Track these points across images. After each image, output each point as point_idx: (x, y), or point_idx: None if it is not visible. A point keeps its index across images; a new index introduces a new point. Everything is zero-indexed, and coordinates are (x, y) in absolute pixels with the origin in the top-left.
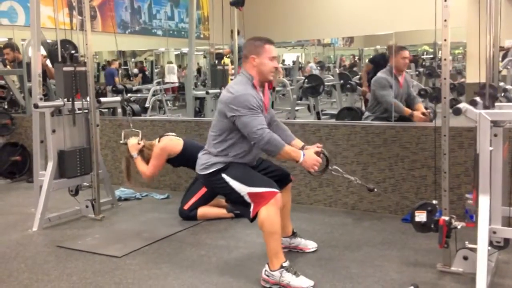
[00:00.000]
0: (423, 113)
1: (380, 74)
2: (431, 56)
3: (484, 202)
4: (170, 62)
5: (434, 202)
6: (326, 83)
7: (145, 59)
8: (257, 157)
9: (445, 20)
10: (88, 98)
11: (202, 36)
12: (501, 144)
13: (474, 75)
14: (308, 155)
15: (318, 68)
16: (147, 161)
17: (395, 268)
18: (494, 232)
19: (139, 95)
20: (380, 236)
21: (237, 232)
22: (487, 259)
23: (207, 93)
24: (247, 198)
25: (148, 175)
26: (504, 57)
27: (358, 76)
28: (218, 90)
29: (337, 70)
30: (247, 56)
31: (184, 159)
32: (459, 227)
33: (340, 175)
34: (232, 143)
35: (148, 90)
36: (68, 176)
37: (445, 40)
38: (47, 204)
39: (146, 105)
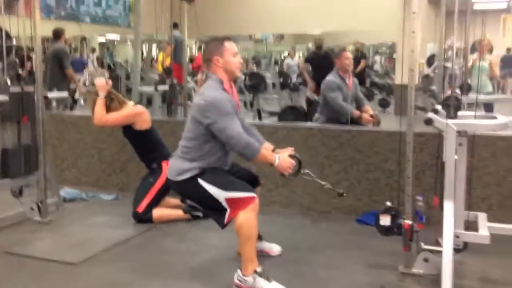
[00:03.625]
0: (371, 115)
1: (329, 77)
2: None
3: (448, 208)
4: (93, 50)
5: (388, 203)
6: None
7: (70, 45)
8: (230, 161)
9: (413, 32)
10: (35, 94)
11: (132, 24)
12: (465, 153)
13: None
14: (282, 158)
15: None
16: (108, 111)
17: (360, 270)
18: (457, 237)
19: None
20: (339, 238)
21: (196, 235)
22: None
23: (156, 89)
24: (224, 204)
25: (101, 122)
26: (429, 61)
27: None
28: (166, 87)
29: (276, 69)
30: (210, 59)
31: (140, 139)
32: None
33: (311, 179)
34: (208, 149)
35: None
36: (12, 176)
37: (412, 51)
38: None
39: (76, 97)
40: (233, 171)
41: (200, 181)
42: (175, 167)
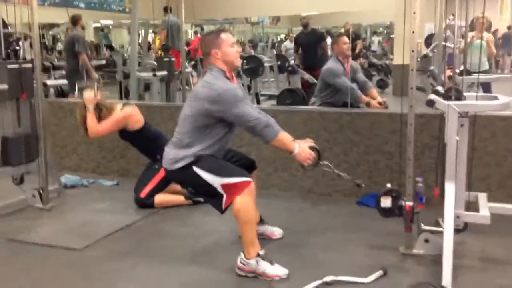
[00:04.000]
0: (379, 103)
1: (330, 64)
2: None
3: (450, 188)
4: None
5: (389, 185)
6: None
7: (67, 30)
8: (226, 147)
9: (414, 12)
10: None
11: (127, 10)
12: (467, 134)
13: (400, 57)
14: (302, 148)
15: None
16: (99, 120)
17: (360, 252)
18: (458, 217)
19: (64, 72)
20: (339, 220)
21: (198, 219)
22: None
23: (154, 75)
24: (220, 190)
25: (95, 134)
26: (427, 41)
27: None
28: (165, 72)
29: (274, 51)
30: (209, 52)
31: (137, 138)
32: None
33: (331, 170)
34: (205, 136)
35: None
36: (13, 164)
37: (413, 32)
38: None
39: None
40: (229, 156)
41: (195, 168)
42: (170, 156)
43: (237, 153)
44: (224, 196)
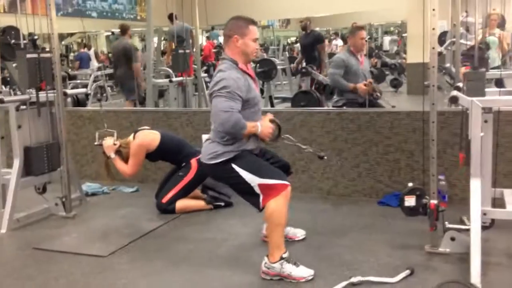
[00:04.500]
0: (365, 84)
1: (338, 54)
2: (368, 37)
3: (476, 185)
4: (89, 47)
5: (411, 184)
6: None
7: (82, 40)
8: (260, 143)
9: (434, 9)
10: (54, 91)
11: (138, 17)
12: (491, 130)
13: (414, 55)
14: (263, 125)
15: (262, 50)
16: (125, 159)
17: (385, 252)
18: (485, 214)
19: (78, 81)
20: (361, 220)
21: (219, 223)
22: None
23: (171, 81)
24: (256, 189)
25: (130, 174)
26: (440, 38)
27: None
28: (181, 78)
29: (287, 54)
30: (230, 35)
31: (162, 153)
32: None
33: (292, 144)
34: None
35: (86, 76)
36: (36, 174)
37: (433, 29)
38: (15, 203)
39: (88, 91)
40: (267, 158)
41: (234, 166)
42: (208, 150)
43: (274, 155)
44: (261, 196)
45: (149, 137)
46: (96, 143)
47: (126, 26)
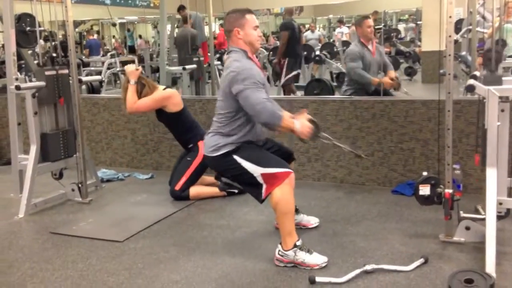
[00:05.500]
0: (391, 79)
1: (351, 46)
2: (383, 24)
3: (491, 174)
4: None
5: (425, 173)
6: None
7: (91, 28)
8: (263, 134)
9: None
10: (70, 78)
11: (152, 5)
12: (508, 119)
13: (429, 43)
14: (301, 123)
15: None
16: (140, 97)
17: (399, 240)
18: (500, 203)
19: (92, 68)
20: (375, 209)
21: (233, 211)
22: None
23: (184, 68)
24: (259, 179)
25: (133, 109)
26: (456, 26)
27: None
28: (194, 66)
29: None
30: (231, 29)
31: (176, 120)
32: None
33: (330, 142)
34: (241, 122)
35: (98, 63)
36: (52, 160)
37: (450, 17)
38: (32, 189)
39: (102, 78)
40: (268, 147)
41: (235, 157)
42: (210, 143)
43: (276, 143)
44: (264, 186)
45: (179, 98)
46: (118, 69)
47: (186, 15)
